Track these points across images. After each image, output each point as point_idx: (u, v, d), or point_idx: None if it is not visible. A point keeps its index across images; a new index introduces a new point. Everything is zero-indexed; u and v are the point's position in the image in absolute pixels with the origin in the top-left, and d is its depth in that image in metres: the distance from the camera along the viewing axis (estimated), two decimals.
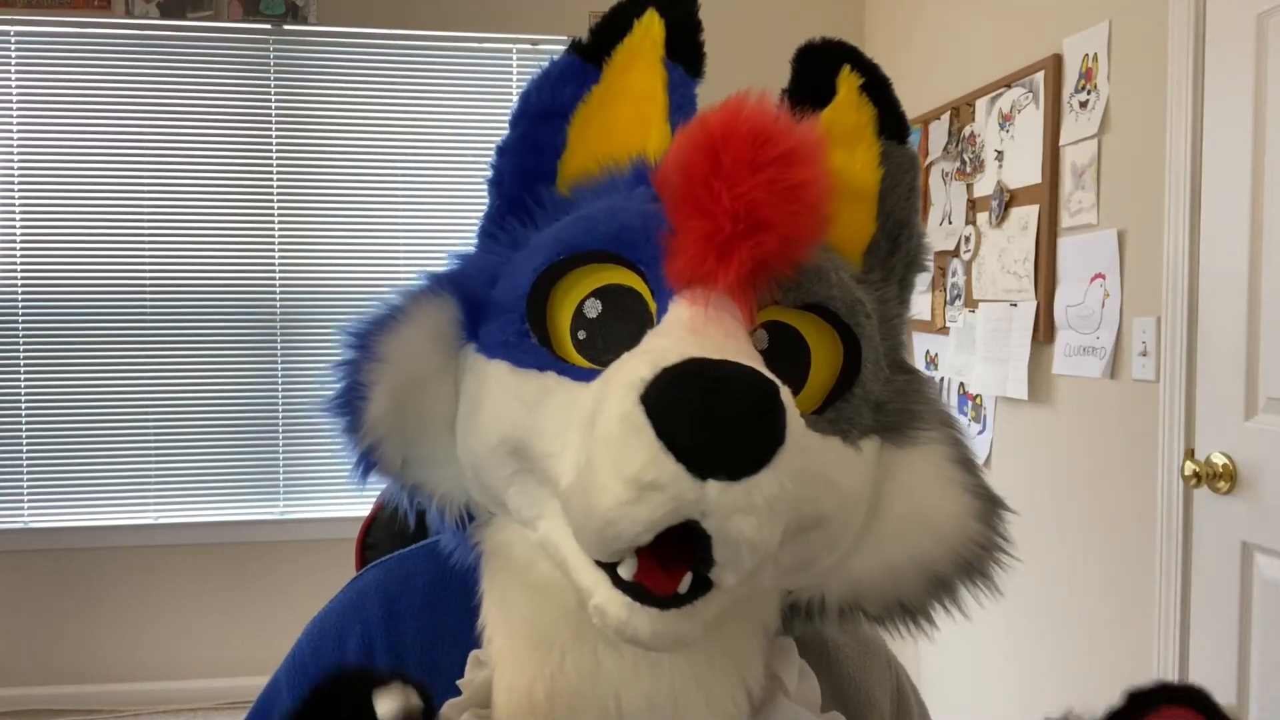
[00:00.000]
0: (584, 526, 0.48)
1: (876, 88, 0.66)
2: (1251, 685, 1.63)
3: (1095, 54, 2.01)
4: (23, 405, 3.00)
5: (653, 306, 0.54)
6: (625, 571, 0.48)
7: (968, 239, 2.48)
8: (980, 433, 2.46)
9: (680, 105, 0.65)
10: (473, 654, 0.59)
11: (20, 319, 2.98)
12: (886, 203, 0.65)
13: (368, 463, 0.58)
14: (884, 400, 0.59)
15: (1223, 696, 0.50)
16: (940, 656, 2.71)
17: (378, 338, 0.56)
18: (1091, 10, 2.03)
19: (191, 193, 3.04)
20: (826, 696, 0.63)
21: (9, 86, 2.95)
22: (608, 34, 0.66)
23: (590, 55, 0.65)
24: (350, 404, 0.56)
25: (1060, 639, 2.14)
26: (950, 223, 2.58)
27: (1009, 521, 0.58)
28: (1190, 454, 1.74)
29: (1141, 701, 0.51)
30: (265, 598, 3.10)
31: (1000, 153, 2.34)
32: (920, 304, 2.77)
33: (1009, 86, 2.30)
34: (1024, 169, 2.23)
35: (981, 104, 2.43)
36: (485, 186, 0.67)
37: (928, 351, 2.77)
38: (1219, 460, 1.67)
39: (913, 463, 0.57)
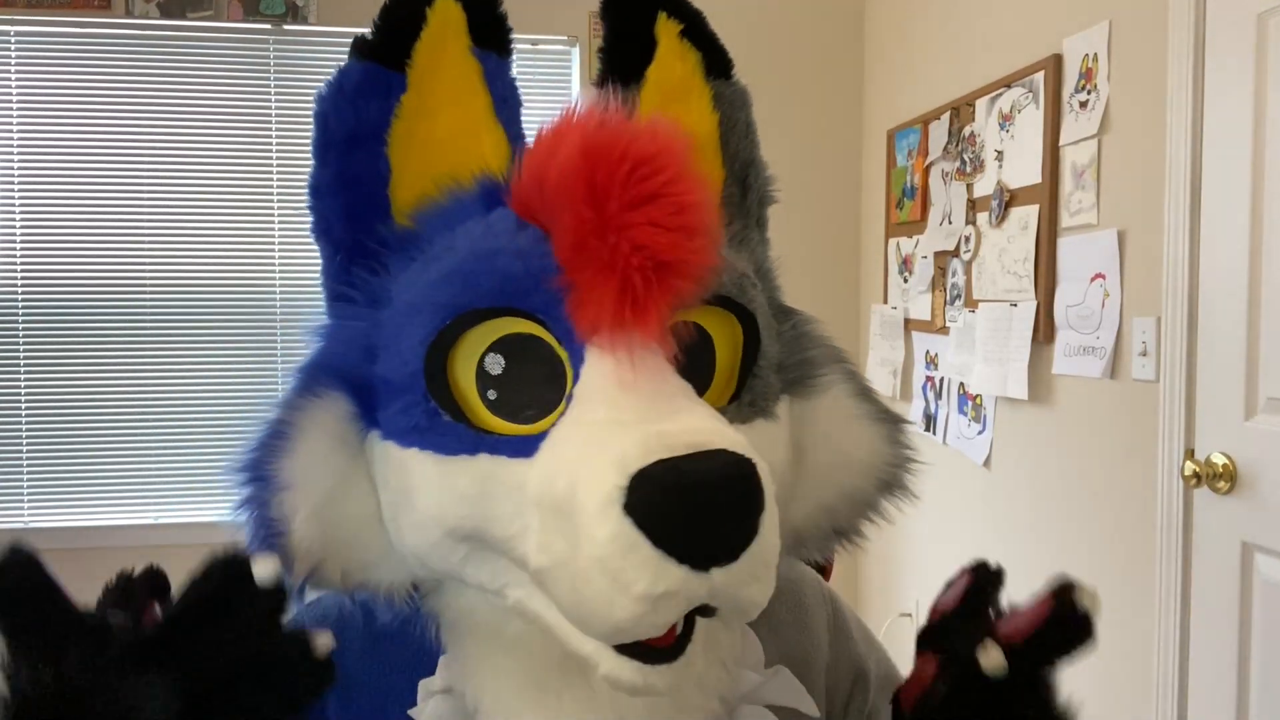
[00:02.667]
0: (591, 630, 0.48)
1: (695, 30, 0.64)
2: (1251, 685, 1.62)
3: (1095, 54, 2.01)
4: (23, 405, 2.99)
5: (561, 353, 0.52)
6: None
7: (968, 239, 2.48)
8: (980, 433, 2.45)
9: (504, 98, 0.60)
10: (422, 682, 0.58)
11: (20, 319, 2.98)
12: (729, 146, 0.64)
13: (303, 586, 0.54)
14: (782, 358, 0.60)
15: (1223, 696, 0.50)
16: None
17: (274, 464, 0.52)
18: (1091, 10, 2.03)
19: (191, 193, 3.04)
20: (769, 648, 0.64)
21: (9, 86, 2.94)
22: (400, 33, 0.58)
23: (387, 59, 0.58)
24: (269, 544, 0.52)
25: None
26: (950, 223, 2.58)
27: (909, 432, 0.62)
28: (1190, 454, 1.74)
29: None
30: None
31: (1000, 153, 2.34)
32: (920, 304, 2.77)
33: (1009, 86, 2.30)
34: (1024, 169, 2.23)
35: (981, 104, 2.43)
36: (311, 237, 0.59)
37: (928, 351, 2.77)
38: (1219, 460, 1.67)
39: (822, 409, 0.60)
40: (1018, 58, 2.28)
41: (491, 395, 0.53)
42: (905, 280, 2.88)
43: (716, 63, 0.65)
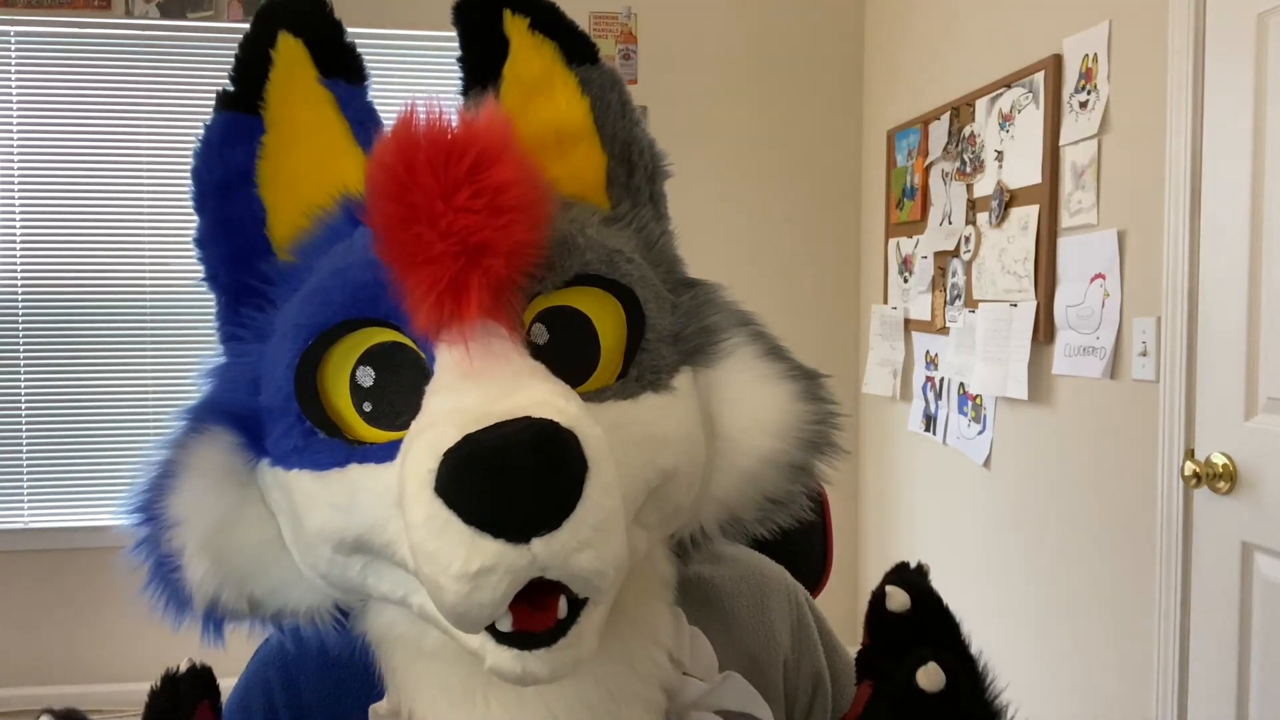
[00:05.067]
0: (446, 620, 0.48)
1: (547, 21, 0.64)
2: (1251, 685, 1.62)
3: (1095, 54, 2.01)
4: (23, 405, 2.99)
5: (421, 355, 0.53)
6: (503, 625, 0.48)
7: (968, 239, 2.48)
8: (980, 433, 2.46)
9: (360, 120, 0.62)
10: (372, 708, 0.59)
11: (20, 319, 2.98)
12: (605, 128, 0.64)
13: (215, 621, 0.56)
14: (679, 329, 0.59)
15: (1223, 696, 0.50)
16: None
17: (162, 502, 0.54)
18: (1091, 10, 2.03)
19: (191, 193, 3.03)
20: (726, 649, 0.64)
21: (9, 86, 2.94)
22: (250, 76, 0.61)
23: (245, 106, 0.61)
24: (165, 581, 0.54)
25: (1060, 639, 2.14)
26: (950, 223, 2.58)
27: (827, 386, 0.60)
28: (1190, 454, 1.74)
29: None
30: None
31: (1000, 153, 2.34)
32: (920, 304, 2.77)
33: (1009, 86, 2.30)
34: (1024, 169, 2.23)
35: (981, 104, 2.43)
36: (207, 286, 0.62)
37: (928, 352, 2.77)
38: (1219, 460, 1.67)
39: (727, 374, 0.58)
40: (1018, 58, 2.28)
41: (367, 407, 0.53)
42: (905, 280, 2.88)
43: (578, 49, 0.64)
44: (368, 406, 0.53)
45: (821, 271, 3.24)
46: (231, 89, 0.61)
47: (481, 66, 0.63)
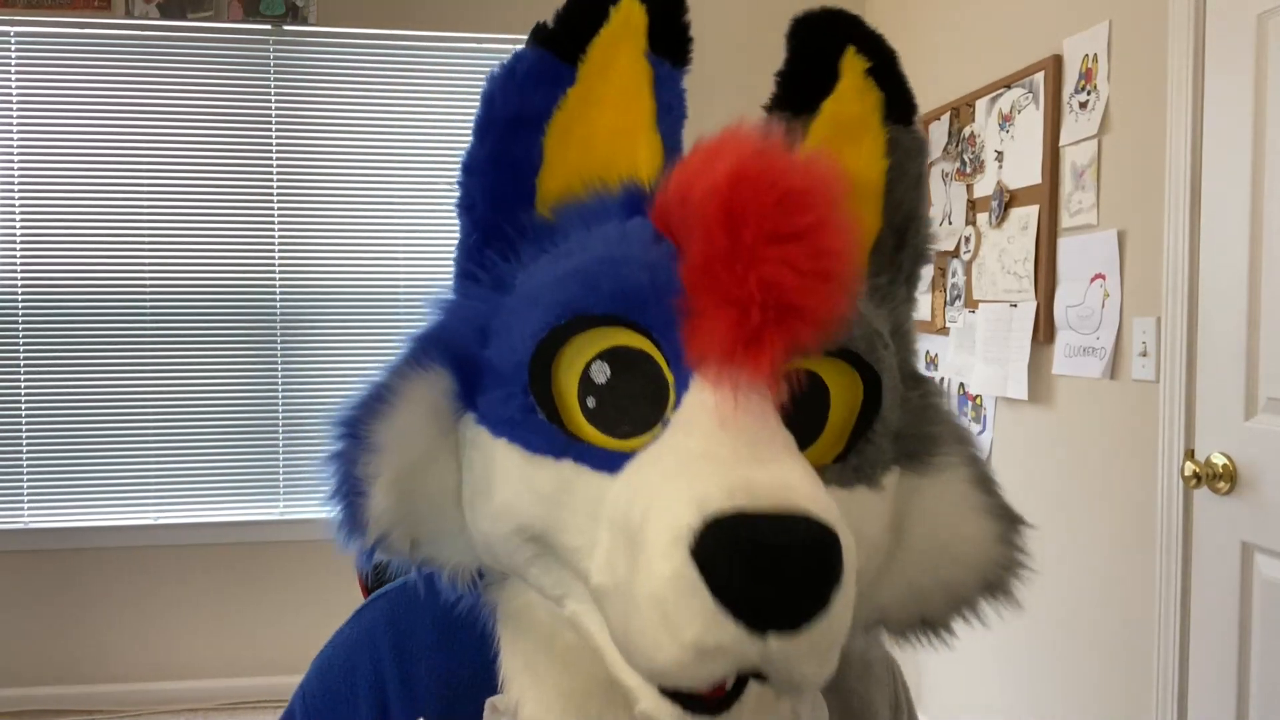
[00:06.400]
0: (634, 664, 0.46)
1: (884, 69, 0.61)
2: (1251, 685, 1.62)
3: (1095, 54, 2.01)
4: (23, 405, 2.99)
5: (668, 375, 0.50)
6: None
7: (968, 239, 2.48)
8: (980, 433, 2.46)
9: (669, 105, 0.59)
10: (489, 701, 0.57)
11: (20, 319, 2.98)
12: (894, 195, 0.61)
13: (373, 550, 0.55)
14: (901, 427, 0.56)
15: (1223, 696, 0.50)
16: (939, 655, 2.71)
17: (370, 425, 0.52)
18: (1091, 10, 2.03)
19: (191, 193, 3.04)
20: (833, 712, 0.62)
21: (9, 86, 2.95)
22: (580, 26, 0.58)
23: (563, 52, 0.58)
24: (349, 500, 0.53)
25: (1060, 639, 2.14)
26: (950, 223, 2.58)
27: (1026, 536, 0.57)
28: (1190, 454, 1.74)
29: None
30: (265, 598, 3.10)
31: (1000, 153, 2.34)
32: (920, 304, 2.76)
33: (1009, 87, 2.30)
34: (1024, 169, 2.23)
35: (981, 104, 2.43)
36: (455, 211, 0.60)
37: (928, 352, 2.77)
38: (1219, 460, 1.67)
39: (934, 490, 0.56)
40: (1018, 58, 2.28)
41: (591, 403, 0.51)
42: None
43: (898, 107, 0.62)
44: (591, 403, 0.51)
45: None
46: (553, 27, 0.58)
47: (802, 92, 0.60)
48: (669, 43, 0.59)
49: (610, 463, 0.49)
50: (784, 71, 0.61)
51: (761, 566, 0.41)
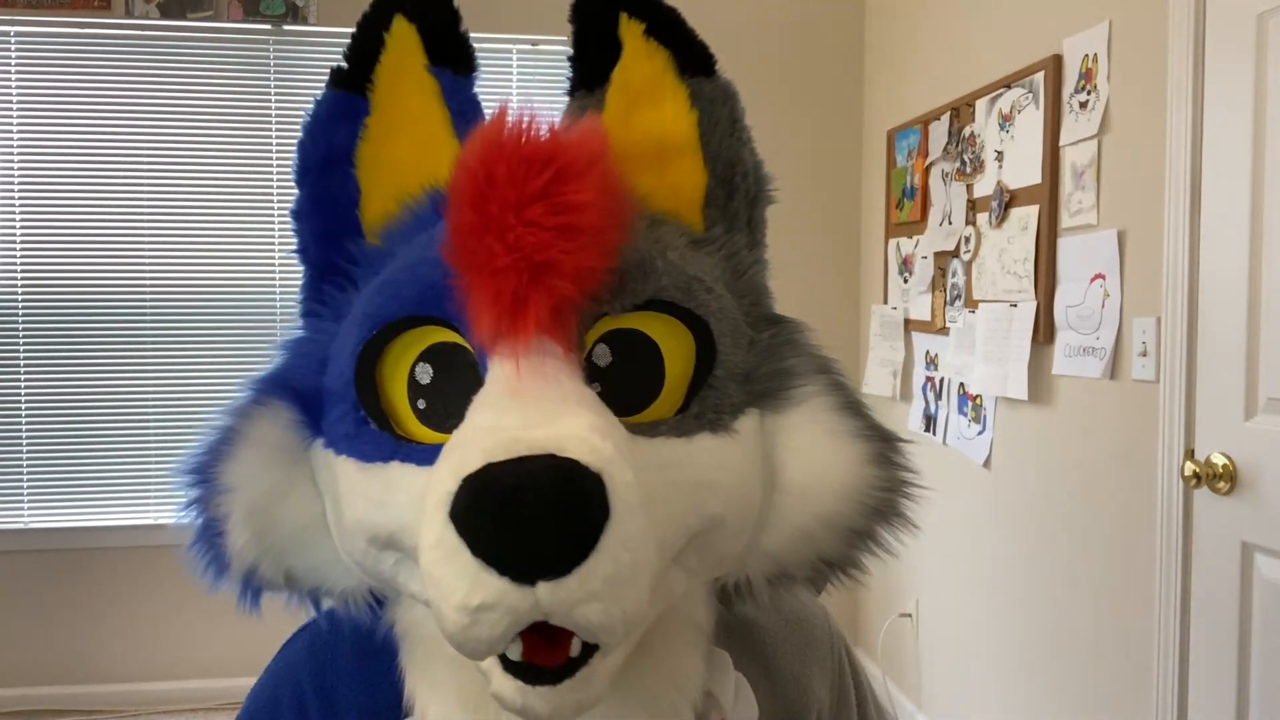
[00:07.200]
0: (448, 641, 0.47)
1: (664, 28, 0.62)
2: (1251, 685, 1.62)
3: (1095, 54, 2.01)
4: (23, 405, 2.99)
5: (477, 360, 0.52)
6: (513, 654, 0.47)
7: (968, 239, 2.48)
8: (980, 433, 2.46)
9: (462, 111, 0.61)
10: None
11: (20, 319, 2.98)
12: (710, 145, 0.61)
13: (252, 590, 0.56)
14: (752, 368, 0.56)
15: (1223, 696, 0.50)
16: (939, 655, 2.71)
17: (216, 468, 0.54)
18: (1091, 10, 2.03)
19: (191, 193, 3.04)
20: (764, 699, 0.62)
21: (9, 86, 2.95)
22: (363, 56, 0.61)
23: (354, 86, 0.61)
24: (208, 543, 0.55)
25: (1060, 639, 2.14)
26: (950, 223, 2.58)
27: (906, 453, 0.57)
28: (1190, 454, 1.74)
29: None
30: (265, 597, 3.09)
31: (1000, 153, 2.34)
32: (920, 304, 2.77)
33: (1009, 87, 2.30)
34: (1024, 169, 2.23)
35: (981, 104, 2.43)
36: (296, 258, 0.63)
37: (928, 352, 2.77)
38: (1219, 460, 1.67)
39: (796, 423, 0.55)
40: (1018, 58, 2.28)
41: (421, 405, 0.53)
42: (905, 280, 2.88)
43: (693, 60, 0.62)
44: (422, 404, 0.53)
45: (821, 271, 3.24)
46: (345, 66, 0.61)
47: (592, 69, 0.61)
48: (446, 53, 0.62)
49: (431, 456, 0.50)
50: (571, 55, 0.63)
51: (504, 512, 0.42)
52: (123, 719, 2.99)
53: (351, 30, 0.64)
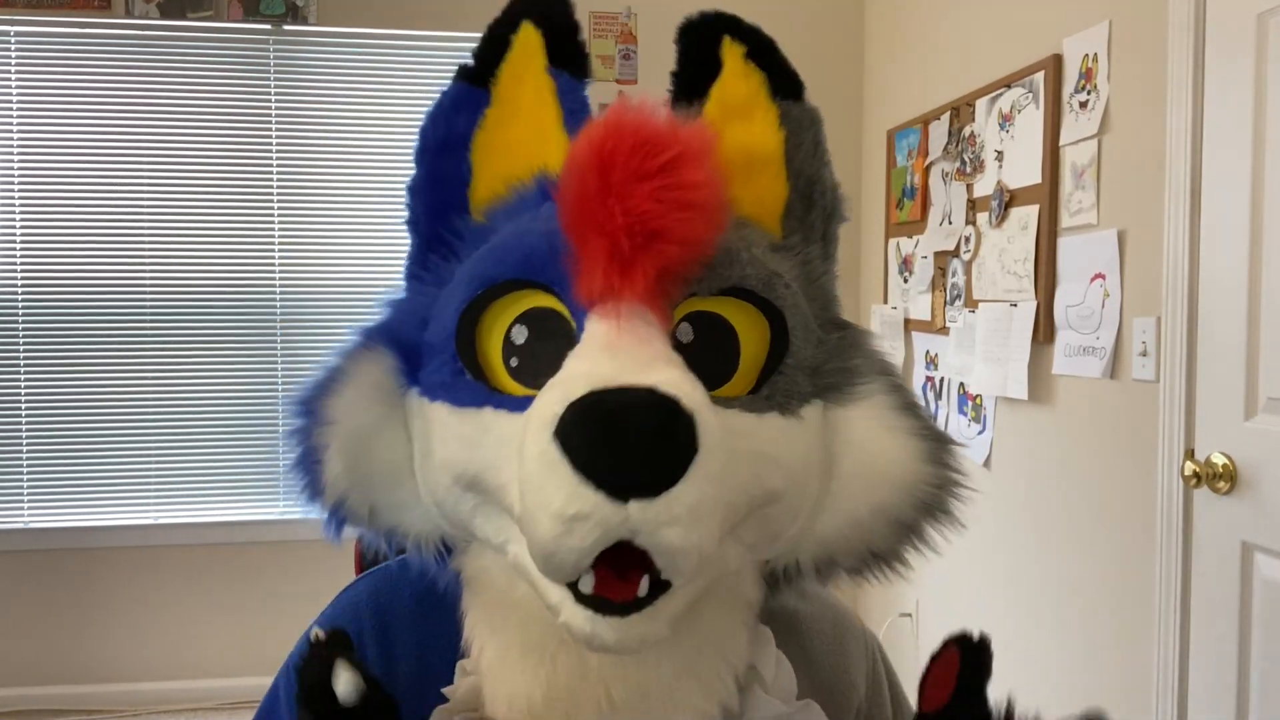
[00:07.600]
0: (534, 558, 0.50)
1: (761, 53, 0.67)
2: (1251, 685, 1.62)
3: (1095, 54, 2.01)
4: (23, 405, 3.00)
5: (573, 324, 0.56)
6: (585, 586, 0.50)
7: (968, 239, 2.48)
8: (980, 433, 2.46)
9: (573, 110, 0.67)
10: (460, 663, 0.62)
11: (20, 319, 2.98)
12: (794, 162, 0.66)
13: (337, 519, 0.60)
14: (819, 363, 0.60)
15: (1223, 696, 0.51)
16: None
17: (321, 401, 0.59)
18: (1091, 10, 2.03)
19: (191, 193, 3.04)
20: (802, 681, 0.65)
21: (9, 86, 2.95)
22: (489, 55, 0.68)
23: (477, 79, 0.67)
24: (308, 469, 0.60)
25: (1060, 639, 2.14)
26: (950, 223, 2.58)
27: (958, 455, 0.60)
28: (1190, 454, 1.74)
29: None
30: (265, 598, 3.10)
31: (1000, 153, 2.34)
32: (920, 304, 2.77)
33: (1009, 86, 2.30)
34: (1024, 169, 2.23)
35: (981, 104, 2.43)
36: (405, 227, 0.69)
37: (928, 352, 2.77)
38: (1219, 460, 1.67)
39: (857, 417, 0.59)
40: (1018, 58, 2.28)
41: (514, 362, 0.58)
42: (905, 280, 2.88)
43: (785, 84, 0.67)
44: (514, 362, 0.57)
45: None
46: (471, 64, 0.68)
47: (693, 83, 0.67)
48: (565, 57, 0.68)
49: (522, 405, 0.54)
50: (674, 71, 0.68)
51: (607, 431, 0.47)
52: (122, 719, 2.99)
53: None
